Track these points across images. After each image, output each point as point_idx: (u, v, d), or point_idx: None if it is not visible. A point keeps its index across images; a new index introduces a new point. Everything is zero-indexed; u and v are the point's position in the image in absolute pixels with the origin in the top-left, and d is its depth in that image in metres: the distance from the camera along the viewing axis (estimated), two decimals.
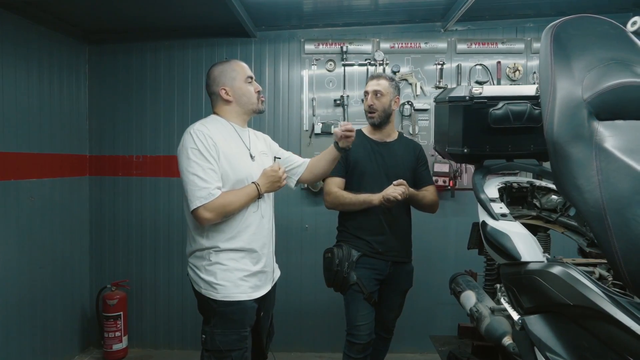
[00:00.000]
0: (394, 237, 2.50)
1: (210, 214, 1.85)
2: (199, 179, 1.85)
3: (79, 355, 3.57)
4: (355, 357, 2.41)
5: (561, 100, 1.31)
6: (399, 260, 2.53)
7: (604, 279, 1.39)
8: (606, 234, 1.13)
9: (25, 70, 3.00)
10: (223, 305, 1.92)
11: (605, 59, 1.33)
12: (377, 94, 2.51)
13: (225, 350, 1.91)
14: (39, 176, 3.13)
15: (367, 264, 2.46)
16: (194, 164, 1.86)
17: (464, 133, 2.23)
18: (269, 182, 2.00)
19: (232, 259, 1.95)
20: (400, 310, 2.68)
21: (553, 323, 1.34)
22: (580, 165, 1.21)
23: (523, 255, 1.53)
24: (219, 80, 2.02)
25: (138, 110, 3.65)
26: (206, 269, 1.95)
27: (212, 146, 1.89)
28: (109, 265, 3.71)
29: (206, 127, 1.94)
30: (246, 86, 2.04)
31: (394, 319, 2.67)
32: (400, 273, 2.56)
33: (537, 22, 3.49)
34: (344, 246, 2.47)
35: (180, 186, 3.65)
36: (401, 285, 2.60)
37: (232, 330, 1.92)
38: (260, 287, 2.03)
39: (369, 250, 2.46)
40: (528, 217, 2.09)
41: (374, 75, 2.60)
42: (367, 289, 2.42)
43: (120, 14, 3.27)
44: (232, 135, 2.02)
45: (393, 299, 2.60)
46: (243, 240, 1.97)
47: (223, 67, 2.03)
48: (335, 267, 2.41)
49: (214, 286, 1.93)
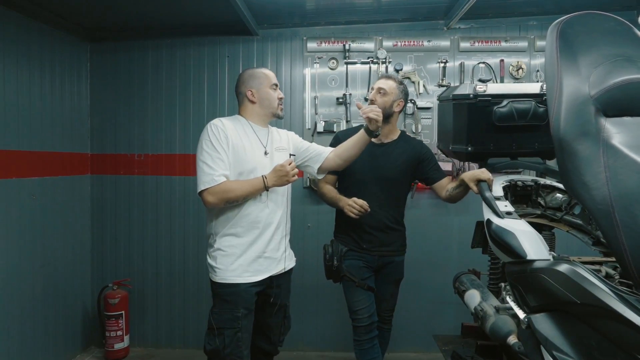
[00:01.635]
0: (379, 235, 2.55)
1: (213, 197, 2.07)
2: (206, 166, 2.08)
3: (80, 355, 3.56)
4: (361, 339, 2.52)
5: (568, 97, 1.30)
6: (385, 255, 2.58)
7: (611, 277, 1.38)
8: (614, 231, 1.12)
9: (27, 68, 2.99)
10: (220, 287, 2.15)
11: (612, 56, 1.32)
12: (380, 91, 2.51)
13: (218, 327, 2.11)
14: (41, 174, 3.12)
15: (355, 256, 2.56)
16: (205, 153, 2.10)
17: (468, 131, 2.22)
18: (277, 177, 2.13)
19: (230, 245, 2.15)
20: (394, 301, 2.72)
21: (560, 321, 1.33)
22: (588, 162, 1.21)
23: (529, 253, 1.52)
24: (248, 83, 2.25)
25: (139, 109, 3.64)
26: (211, 254, 2.20)
27: (224, 138, 2.11)
28: (111, 264, 3.70)
29: (222, 122, 2.17)
30: (270, 91, 2.25)
31: (389, 309, 2.71)
32: (389, 264, 2.61)
33: (540, 20, 3.47)
34: (334, 242, 2.61)
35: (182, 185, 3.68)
36: (391, 275, 2.65)
37: (226, 310, 2.12)
38: (262, 271, 2.18)
39: (354, 245, 2.56)
40: (533, 216, 2.08)
41: (384, 75, 2.62)
42: (357, 276, 2.52)
43: (121, 12, 3.26)
44: (248, 131, 2.23)
45: (384, 289, 2.65)
46: (242, 227, 2.15)
47: (253, 72, 2.27)
48: (326, 261, 2.56)
49: (214, 269, 2.16)
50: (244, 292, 2.13)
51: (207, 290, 2.30)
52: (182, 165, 3.62)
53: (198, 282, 3.62)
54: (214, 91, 3.60)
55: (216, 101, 3.59)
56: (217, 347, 2.09)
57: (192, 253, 3.64)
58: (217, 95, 3.59)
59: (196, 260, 3.63)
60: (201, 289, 3.59)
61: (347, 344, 2.54)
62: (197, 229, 3.60)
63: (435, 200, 3.44)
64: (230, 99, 3.57)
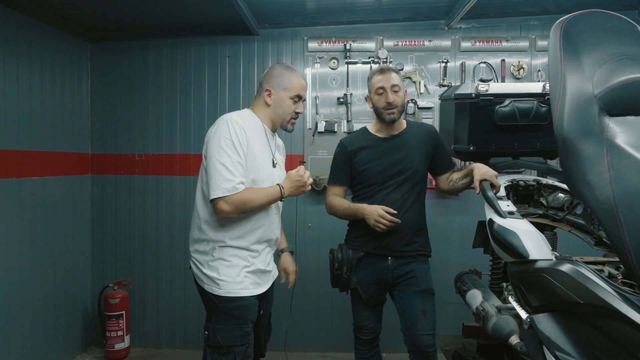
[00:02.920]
0: (397, 232, 2.29)
1: (230, 207, 1.86)
2: (226, 170, 1.85)
3: (80, 355, 3.56)
4: (362, 348, 2.46)
5: (571, 96, 1.29)
6: (403, 255, 2.32)
7: (614, 277, 1.37)
8: (618, 230, 1.11)
9: (28, 68, 2.98)
10: (225, 300, 1.93)
11: (616, 54, 1.31)
12: (394, 89, 2.27)
13: (227, 346, 1.90)
14: (41, 174, 3.12)
15: (367, 266, 2.35)
16: (224, 154, 1.86)
17: (470, 130, 2.22)
18: (294, 187, 1.99)
19: (235, 256, 1.96)
20: (429, 321, 2.28)
21: (562, 321, 1.32)
22: (591, 162, 1.20)
23: (531, 253, 1.52)
24: (272, 82, 2.05)
25: (140, 109, 3.64)
26: (209, 264, 1.96)
27: (245, 140, 1.90)
28: (111, 264, 3.70)
29: (243, 119, 1.95)
30: (288, 101, 2.05)
31: (423, 332, 2.25)
32: (409, 271, 2.31)
33: (541, 19, 3.47)
34: (344, 247, 2.39)
35: (182, 184, 3.65)
36: (414, 285, 2.30)
37: (234, 326, 1.93)
38: (261, 284, 2.05)
39: (370, 247, 2.34)
40: (534, 216, 2.08)
41: (382, 69, 2.33)
42: (365, 293, 2.35)
43: (122, 12, 3.26)
44: (262, 137, 2.05)
45: (410, 304, 2.29)
46: (249, 241, 1.99)
47: (284, 72, 2.05)
48: (335, 270, 2.37)
49: (216, 282, 1.94)
50: (252, 305, 1.98)
51: None
52: (183, 165, 3.62)
53: None
54: (215, 91, 3.59)
55: (217, 101, 3.58)
56: None
57: None
58: (217, 95, 3.59)
59: None
60: None
61: (348, 345, 2.52)
62: None
63: (436, 200, 3.44)
64: (230, 99, 3.57)
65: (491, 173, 2.04)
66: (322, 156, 3.49)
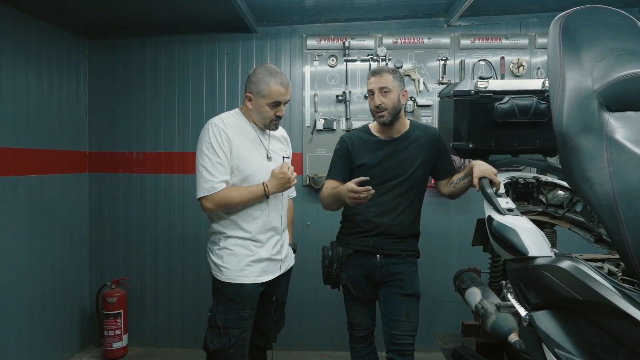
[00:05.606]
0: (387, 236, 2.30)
1: (212, 204, 2.05)
2: (206, 172, 2.03)
3: (78, 354, 3.55)
4: (357, 346, 2.45)
5: (571, 92, 1.28)
6: (391, 254, 2.29)
7: (613, 274, 1.36)
8: (617, 226, 1.11)
9: (25, 65, 2.97)
10: (226, 286, 2.10)
11: (616, 50, 1.31)
12: (383, 91, 2.24)
13: (224, 327, 2.07)
14: (38, 172, 3.11)
15: (356, 263, 2.34)
16: (205, 157, 2.04)
17: (469, 128, 2.21)
18: (279, 184, 2.11)
19: (238, 245, 2.11)
20: (411, 324, 2.28)
21: (562, 319, 1.31)
22: (591, 157, 1.19)
23: (530, 250, 1.51)
24: (251, 87, 2.12)
25: (138, 107, 3.63)
26: (216, 252, 2.15)
27: (226, 141, 2.05)
28: (109, 263, 3.69)
29: (223, 121, 2.09)
30: (267, 108, 2.10)
31: (406, 334, 2.26)
32: (397, 273, 2.30)
33: (541, 17, 3.46)
34: (335, 245, 2.40)
35: (180, 183, 3.66)
36: (400, 288, 2.29)
37: (232, 310, 2.09)
38: (269, 272, 2.17)
39: (359, 245, 2.33)
40: (534, 213, 2.07)
41: (375, 71, 2.29)
42: (355, 289, 2.35)
43: (120, 10, 3.24)
44: (251, 133, 2.16)
45: (395, 306, 2.28)
46: (249, 232, 2.12)
47: (262, 78, 2.08)
48: (325, 267, 2.37)
49: (220, 268, 2.12)
50: (251, 292, 2.11)
51: (206, 289, 2.28)
52: (181, 163, 3.61)
53: (197, 280, 3.60)
54: (213, 89, 3.58)
55: (215, 99, 3.57)
56: (222, 346, 2.06)
57: (191, 251, 3.62)
58: (216, 93, 3.58)
59: (195, 258, 3.61)
60: (200, 288, 3.57)
61: (347, 344, 2.51)
62: (196, 227, 3.58)
63: (436, 199, 3.42)
64: (229, 97, 3.56)
65: (490, 170, 2.03)
66: (320, 154, 3.48)
